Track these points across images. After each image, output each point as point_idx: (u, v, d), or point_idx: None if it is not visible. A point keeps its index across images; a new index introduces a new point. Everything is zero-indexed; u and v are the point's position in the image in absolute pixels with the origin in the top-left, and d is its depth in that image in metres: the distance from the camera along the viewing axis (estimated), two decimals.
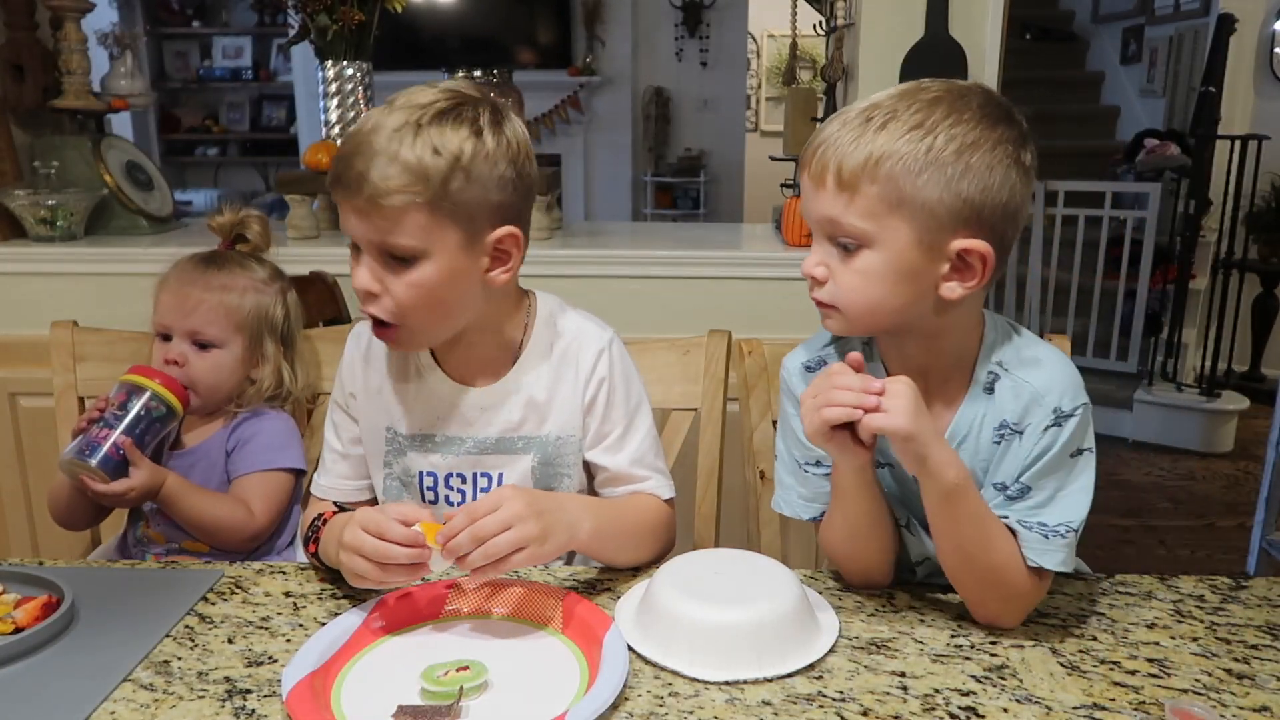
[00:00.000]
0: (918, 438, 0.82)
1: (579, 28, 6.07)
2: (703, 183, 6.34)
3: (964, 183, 0.82)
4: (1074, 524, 0.88)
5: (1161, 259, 3.94)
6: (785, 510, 1.02)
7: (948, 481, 0.84)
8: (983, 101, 0.85)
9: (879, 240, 0.84)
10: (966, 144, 0.82)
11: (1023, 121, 0.86)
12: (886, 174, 0.82)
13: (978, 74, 1.89)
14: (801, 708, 0.77)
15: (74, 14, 2.11)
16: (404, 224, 0.93)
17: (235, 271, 1.32)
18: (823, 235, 0.88)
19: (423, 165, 0.92)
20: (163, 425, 1.25)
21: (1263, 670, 0.83)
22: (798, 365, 1.01)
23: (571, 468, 1.09)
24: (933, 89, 0.85)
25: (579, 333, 1.10)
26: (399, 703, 0.77)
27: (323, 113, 2.17)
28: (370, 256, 0.96)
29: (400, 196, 0.92)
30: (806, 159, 0.88)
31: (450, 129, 0.93)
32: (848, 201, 0.84)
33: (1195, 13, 4.72)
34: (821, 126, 0.88)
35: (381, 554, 0.86)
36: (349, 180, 0.93)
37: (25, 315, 1.94)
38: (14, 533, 1.99)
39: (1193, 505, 3.19)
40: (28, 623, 0.87)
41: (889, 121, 0.83)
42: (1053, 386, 0.89)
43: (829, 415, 0.83)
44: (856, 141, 0.83)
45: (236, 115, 7.06)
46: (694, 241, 2.13)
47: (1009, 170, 0.84)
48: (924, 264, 0.85)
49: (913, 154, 0.82)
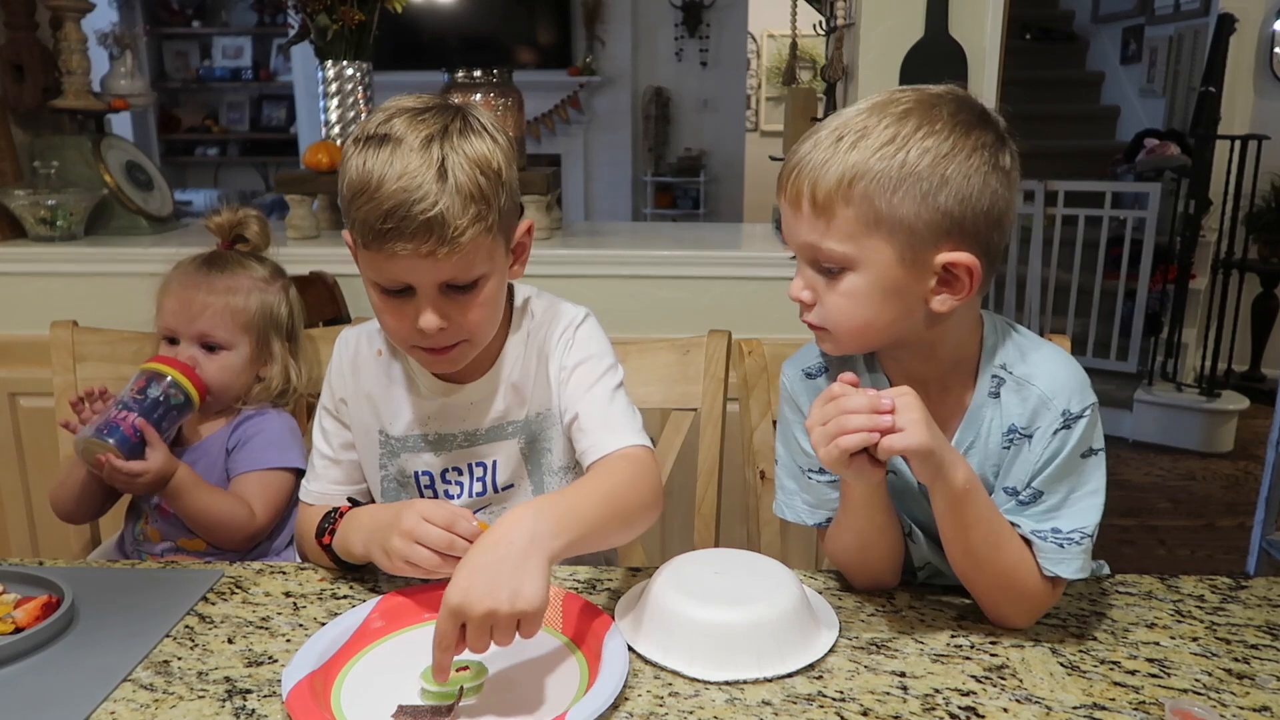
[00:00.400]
0: (936, 452, 0.81)
1: (579, 28, 6.07)
2: (703, 183, 6.34)
3: (942, 195, 0.80)
4: (1088, 529, 0.87)
5: (1161, 259, 3.94)
6: (788, 516, 1.01)
7: (957, 486, 0.84)
8: (954, 109, 0.83)
9: (861, 262, 0.83)
10: (940, 155, 0.80)
11: (999, 121, 0.85)
12: (861, 194, 0.81)
13: (978, 74, 1.89)
14: (801, 708, 0.77)
15: (74, 14, 2.11)
16: (476, 254, 0.93)
17: (238, 272, 1.32)
18: (805, 259, 0.87)
19: (481, 190, 0.91)
20: (179, 414, 1.25)
21: (1263, 670, 0.83)
22: (797, 372, 1.00)
23: (553, 441, 1.10)
24: (903, 100, 0.84)
25: (549, 311, 1.10)
26: (399, 703, 0.77)
27: (323, 113, 2.17)
28: (429, 295, 0.94)
29: (472, 230, 0.91)
30: (782, 182, 0.87)
31: (475, 141, 0.93)
32: (825, 226, 0.83)
33: (1195, 13, 4.72)
34: (795, 148, 0.87)
35: (446, 545, 0.86)
36: (410, 229, 0.89)
37: (25, 315, 1.94)
38: (14, 533, 1.99)
39: (1193, 505, 3.19)
40: (28, 623, 0.87)
41: (860, 140, 0.81)
42: (1060, 389, 0.87)
43: (846, 444, 0.80)
44: (828, 163, 0.82)
45: (236, 115, 7.05)
46: (694, 241, 2.13)
47: (987, 176, 0.82)
48: (909, 280, 0.83)
49: (885, 171, 0.80)
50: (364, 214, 0.90)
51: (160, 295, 1.31)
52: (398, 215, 0.89)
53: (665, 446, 1.31)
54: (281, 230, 2.14)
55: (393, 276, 0.93)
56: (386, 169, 0.90)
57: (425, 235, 0.89)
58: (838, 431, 0.80)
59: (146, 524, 1.34)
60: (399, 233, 0.89)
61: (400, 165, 0.89)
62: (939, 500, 0.86)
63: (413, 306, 0.95)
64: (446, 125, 0.93)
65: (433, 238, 0.89)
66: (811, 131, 0.86)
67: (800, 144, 0.86)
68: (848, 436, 0.80)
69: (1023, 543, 0.88)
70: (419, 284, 0.94)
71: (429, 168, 0.89)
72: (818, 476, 0.97)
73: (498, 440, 1.10)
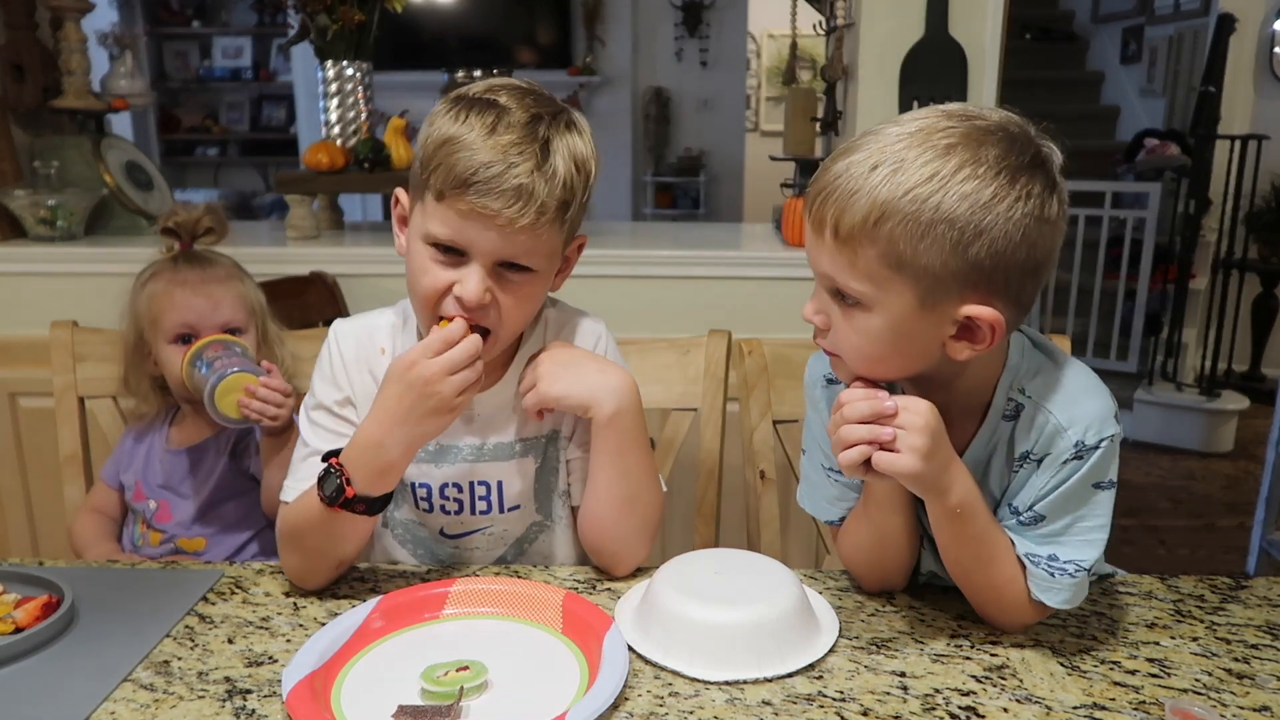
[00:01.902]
0: (927, 478, 0.80)
1: (579, 28, 6.07)
2: (703, 183, 6.34)
3: (974, 247, 0.74)
4: (1085, 563, 0.84)
5: (1161, 259, 3.94)
6: (807, 507, 1.01)
7: (950, 505, 0.83)
8: (1004, 149, 0.75)
9: (878, 303, 0.79)
10: (979, 203, 0.74)
11: (1053, 161, 0.78)
12: (887, 234, 0.75)
13: (978, 74, 1.89)
14: (801, 708, 0.77)
15: (74, 14, 2.12)
16: (543, 241, 0.92)
17: (222, 264, 1.34)
18: (822, 284, 0.83)
19: (572, 183, 0.91)
20: (255, 366, 1.24)
21: (1263, 670, 0.83)
22: (819, 376, 0.98)
23: (560, 463, 1.08)
24: (950, 130, 0.76)
25: (569, 325, 1.08)
26: (399, 703, 0.77)
27: (323, 113, 2.17)
28: (484, 267, 0.92)
29: (554, 214, 0.90)
30: (809, 201, 0.82)
31: (577, 140, 0.93)
32: (847, 262, 0.78)
33: (1195, 12, 4.73)
34: (828, 164, 0.80)
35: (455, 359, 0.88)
36: (500, 189, 0.87)
37: (25, 315, 1.94)
38: (14, 533, 1.99)
39: (1193, 505, 3.19)
40: (28, 623, 0.87)
41: (895, 173, 0.75)
42: (1078, 420, 0.83)
43: (847, 460, 0.80)
44: (857, 194, 0.76)
45: (236, 115, 7.06)
46: (694, 241, 2.13)
47: (1029, 229, 0.75)
48: (927, 327, 0.79)
49: (915, 215, 0.74)
50: (455, 161, 0.88)
51: (152, 305, 1.29)
52: (492, 171, 0.87)
53: (665, 446, 1.31)
54: (281, 230, 2.15)
55: (459, 232, 0.90)
56: (486, 133, 0.88)
57: (513, 200, 0.88)
58: (840, 444, 0.80)
59: (145, 528, 1.34)
60: (487, 189, 0.87)
61: (505, 131, 0.88)
62: (933, 513, 0.86)
63: (459, 273, 0.92)
64: (555, 113, 0.93)
65: (517, 204, 0.88)
66: (847, 148, 0.80)
67: (834, 161, 0.80)
68: (847, 453, 0.80)
69: (1016, 562, 0.87)
70: (480, 251, 0.91)
71: (533, 142, 0.89)
72: (837, 475, 0.96)
73: (504, 459, 1.04)
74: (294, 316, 1.51)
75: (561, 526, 1.10)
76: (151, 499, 1.33)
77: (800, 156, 2.07)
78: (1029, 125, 0.79)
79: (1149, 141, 4.34)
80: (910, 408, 0.80)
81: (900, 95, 1.89)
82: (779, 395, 1.28)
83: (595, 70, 6.08)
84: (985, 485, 0.89)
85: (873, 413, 0.79)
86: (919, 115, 0.79)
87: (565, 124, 0.93)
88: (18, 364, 1.91)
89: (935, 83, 1.87)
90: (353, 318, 1.09)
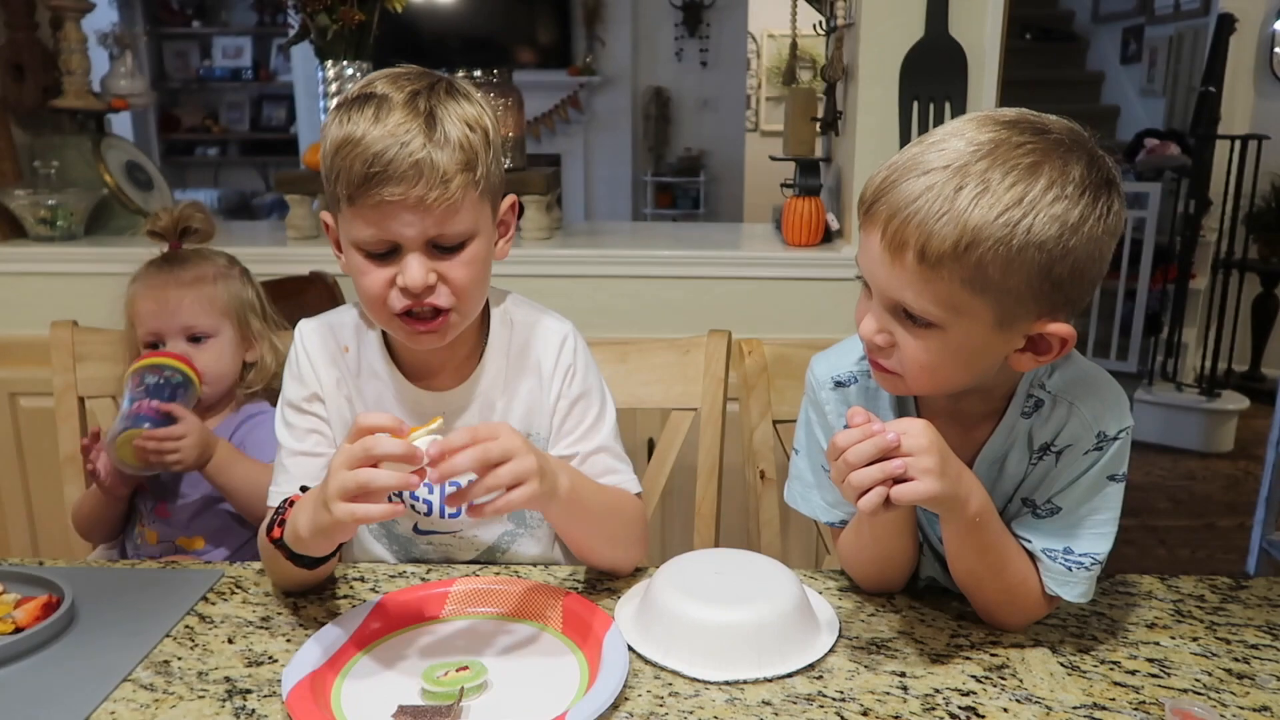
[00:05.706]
0: (946, 494, 0.78)
1: (579, 27, 6.07)
2: (703, 183, 6.34)
3: (1059, 267, 0.73)
4: (1099, 555, 0.86)
5: (1161, 259, 3.94)
6: (803, 508, 0.99)
7: (969, 517, 0.82)
8: (1087, 167, 0.74)
9: (953, 325, 0.76)
10: (1068, 225, 0.72)
11: (1116, 172, 0.76)
12: (976, 260, 0.72)
13: (978, 74, 1.89)
14: (801, 708, 0.77)
15: (74, 14, 2.12)
16: (464, 210, 0.91)
17: (200, 264, 1.34)
18: (883, 302, 0.80)
19: (470, 143, 0.90)
20: (186, 390, 1.25)
21: (1263, 670, 0.83)
22: (827, 377, 0.96)
23: None
24: (1029, 145, 0.73)
25: (536, 326, 1.07)
26: (399, 703, 0.77)
27: (322, 113, 2.17)
28: (417, 253, 0.91)
29: (460, 178, 0.89)
30: (878, 216, 0.76)
31: (463, 103, 0.92)
32: (925, 283, 0.74)
33: (1195, 12, 4.73)
34: (895, 179, 0.76)
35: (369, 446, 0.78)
36: (399, 172, 0.86)
37: (25, 315, 1.95)
38: (14, 533, 1.99)
39: (1193, 505, 3.19)
40: (28, 623, 0.87)
41: (981, 194, 0.72)
42: (1101, 413, 0.84)
43: (865, 506, 0.76)
44: (944, 217, 0.72)
45: (236, 115, 7.06)
46: (694, 241, 2.13)
47: (1105, 244, 0.75)
48: (998, 343, 0.78)
49: (1006, 239, 0.71)
50: (348, 164, 0.88)
51: (130, 308, 1.32)
52: (385, 159, 0.86)
53: (665, 446, 1.31)
54: (281, 230, 2.15)
55: (378, 230, 0.90)
56: (371, 124, 0.87)
57: (415, 178, 0.87)
58: (852, 490, 0.77)
59: (144, 526, 1.34)
60: (387, 176, 0.87)
61: (386, 118, 0.87)
62: (949, 528, 0.85)
63: (397, 267, 0.92)
64: (433, 84, 0.92)
65: (421, 180, 0.87)
66: (916, 162, 0.75)
67: (904, 178, 0.75)
68: (865, 499, 0.76)
69: (1028, 560, 0.87)
70: (406, 239, 0.90)
71: (416, 118, 0.88)
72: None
73: None
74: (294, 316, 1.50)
75: (537, 533, 1.09)
76: (150, 497, 1.33)
77: (800, 156, 2.07)
78: (1085, 132, 0.77)
79: (1149, 141, 4.33)
80: (909, 430, 0.77)
81: (900, 95, 1.89)
82: (779, 395, 1.28)
83: (595, 70, 6.08)
84: (1001, 480, 0.89)
85: (878, 451, 0.76)
86: (980, 125, 0.76)
87: (445, 90, 0.92)
88: (18, 364, 1.91)
89: (935, 83, 1.87)
90: (317, 316, 1.09)
